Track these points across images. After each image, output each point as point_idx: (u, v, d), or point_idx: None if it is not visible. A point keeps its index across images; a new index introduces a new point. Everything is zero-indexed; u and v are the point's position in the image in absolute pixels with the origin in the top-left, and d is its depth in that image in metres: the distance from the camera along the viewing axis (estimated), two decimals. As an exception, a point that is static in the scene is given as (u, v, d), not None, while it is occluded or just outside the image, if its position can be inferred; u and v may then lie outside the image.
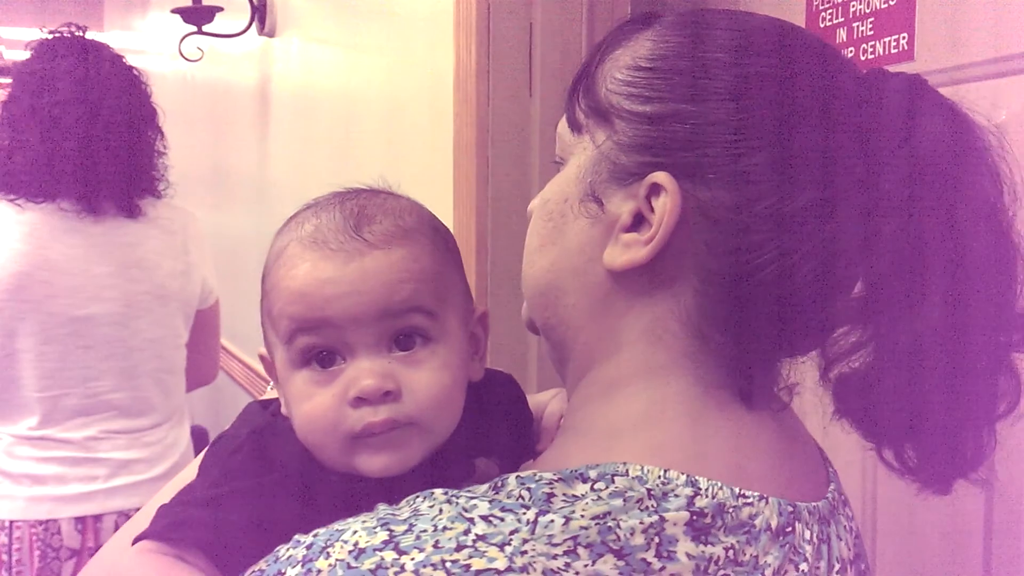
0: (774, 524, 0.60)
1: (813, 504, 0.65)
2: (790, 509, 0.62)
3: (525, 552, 0.54)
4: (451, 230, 0.75)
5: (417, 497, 0.59)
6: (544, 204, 0.70)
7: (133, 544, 0.66)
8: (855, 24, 1.16)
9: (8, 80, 1.94)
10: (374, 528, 0.56)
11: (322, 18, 2.44)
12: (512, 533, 0.55)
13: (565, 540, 0.55)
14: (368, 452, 0.66)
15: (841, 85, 0.63)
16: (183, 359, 2.05)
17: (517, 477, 0.59)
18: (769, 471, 0.64)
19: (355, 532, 0.56)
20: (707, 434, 0.63)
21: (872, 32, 1.13)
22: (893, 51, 1.10)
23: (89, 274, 1.86)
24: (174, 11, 2.76)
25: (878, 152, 0.61)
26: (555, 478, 0.59)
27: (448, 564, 0.53)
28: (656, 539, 0.56)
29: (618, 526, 0.56)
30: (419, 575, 0.53)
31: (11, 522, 1.82)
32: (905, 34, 1.09)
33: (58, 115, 1.83)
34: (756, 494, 0.60)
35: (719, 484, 0.59)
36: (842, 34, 1.18)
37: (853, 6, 1.16)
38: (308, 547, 0.57)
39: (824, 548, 0.65)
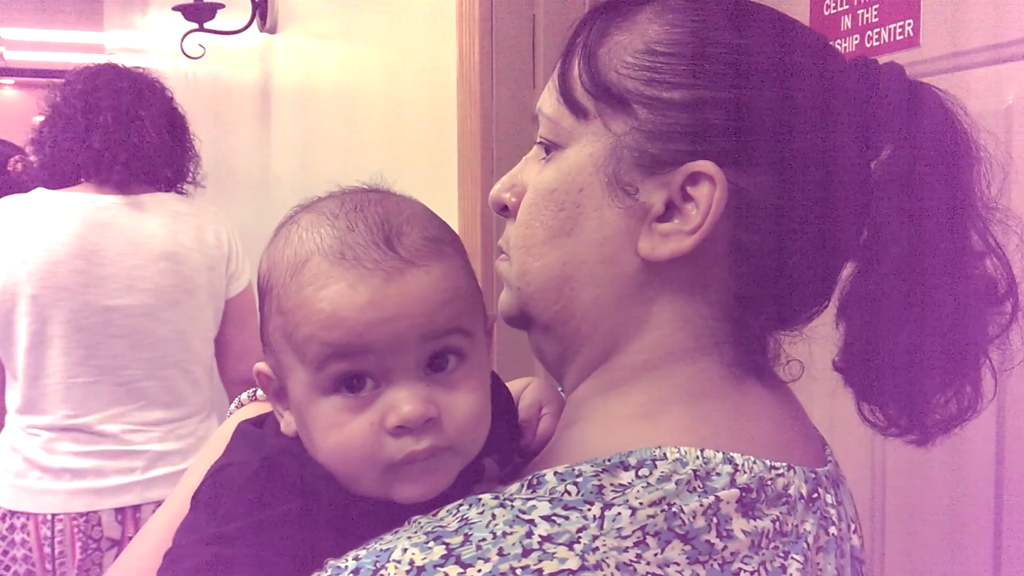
0: (804, 492, 0.62)
1: (825, 469, 0.66)
2: (813, 476, 0.63)
3: (596, 548, 0.53)
4: (455, 226, 0.74)
5: (460, 505, 0.58)
6: (551, 194, 0.67)
7: None
8: (860, 11, 1.15)
9: (10, 80, 2.11)
10: (427, 544, 0.54)
11: (323, 13, 2.44)
12: (580, 531, 0.54)
13: (634, 531, 0.55)
14: (406, 481, 0.62)
15: (839, 71, 0.65)
16: (211, 353, 2.09)
17: (556, 474, 0.58)
18: (788, 441, 0.66)
19: (405, 551, 0.54)
20: (733, 411, 0.64)
21: (877, 19, 1.13)
22: (899, 37, 1.10)
23: (121, 265, 1.91)
24: (175, 8, 2.75)
25: (881, 135, 0.64)
26: (599, 470, 0.58)
27: (519, 571, 0.51)
28: (715, 519, 0.57)
29: (681, 511, 0.56)
30: None
31: (53, 516, 1.87)
32: (911, 20, 1.08)
33: (100, 116, 1.93)
34: (784, 464, 0.61)
35: (753, 459, 0.60)
36: (847, 21, 1.17)
37: (858, -7, 1.15)
38: (355, 572, 0.54)
39: (841, 510, 0.66)
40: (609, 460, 0.58)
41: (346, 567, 0.55)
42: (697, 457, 0.59)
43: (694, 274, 0.64)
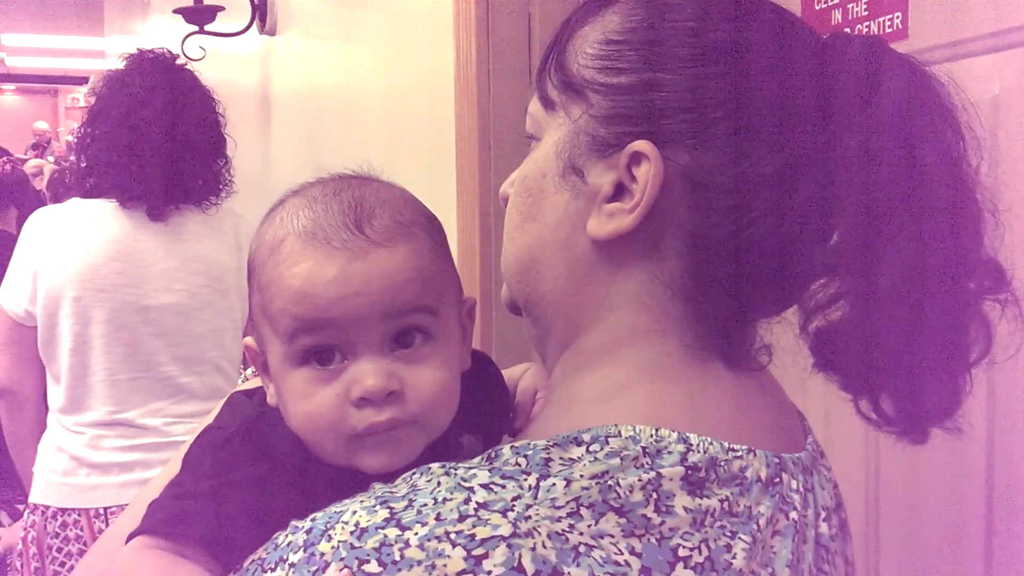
0: (763, 475, 0.62)
1: (796, 455, 0.67)
2: (776, 460, 0.64)
3: (529, 517, 0.55)
4: (455, 225, 0.76)
5: (414, 473, 0.60)
6: (523, 181, 0.70)
7: (128, 541, 0.65)
8: (849, 5, 1.17)
9: (11, 86, 2.10)
10: (374, 507, 0.56)
11: (322, 16, 2.45)
12: (515, 499, 0.56)
13: (568, 502, 0.56)
14: (369, 450, 0.65)
15: (804, 47, 0.65)
16: (240, 349, 2.14)
17: (511, 447, 0.60)
18: (753, 425, 0.66)
19: (354, 512, 0.56)
20: (693, 393, 0.65)
21: (867, 12, 1.14)
22: (888, 30, 1.11)
23: (157, 267, 2.00)
24: (176, 11, 2.78)
25: (842, 110, 0.63)
26: (550, 444, 0.60)
27: (452, 535, 0.54)
28: (654, 495, 0.58)
29: (617, 484, 0.57)
30: (424, 548, 0.53)
31: (105, 509, 1.95)
32: (899, 13, 1.10)
33: (141, 125, 1.98)
34: (744, 447, 0.62)
35: (709, 439, 0.61)
36: (837, 15, 1.19)
37: (848, -13, 1.17)
38: (308, 531, 0.57)
39: (810, 497, 0.67)
40: (567, 436, 0.60)
41: (302, 527, 0.58)
42: (651, 435, 0.60)
43: (648, 255, 0.65)
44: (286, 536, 0.58)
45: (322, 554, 0.55)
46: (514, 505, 0.55)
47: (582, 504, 0.56)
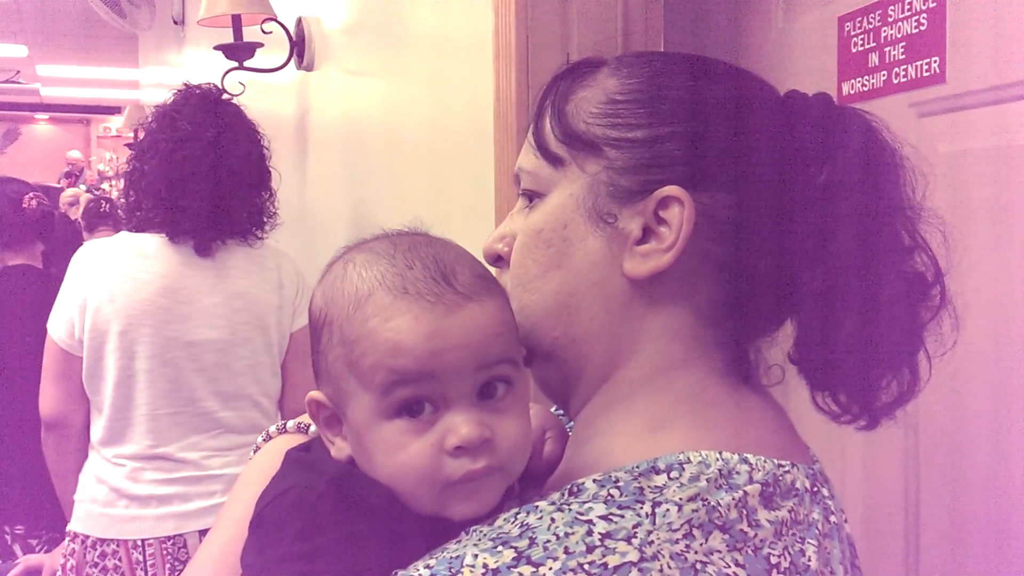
0: (807, 486, 0.70)
1: (817, 466, 0.75)
2: (811, 471, 0.71)
3: (652, 542, 0.60)
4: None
5: (518, 513, 0.64)
6: (539, 234, 0.75)
7: None
8: (887, 48, 1.19)
9: (45, 116, 2.15)
10: (495, 548, 0.59)
11: (360, 51, 2.50)
12: (635, 527, 0.60)
13: (682, 524, 0.62)
14: (460, 498, 0.67)
15: (770, 102, 0.74)
16: (279, 385, 2.20)
17: (594, 481, 0.65)
18: (785, 441, 0.73)
19: (476, 556, 0.59)
20: (734, 416, 0.71)
21: (904, 56, 1.17)
22: (925, 74, 1.14)
23: (201, 304, 2.04)
24: (216, 48, 2.83)
25: (804, 157, 0.71)
26: (635, 474, 0.64)
27: (585, 566, 0.58)
28: (744, 511, 0.64)
29: (718, 504, 0.63)
30: None
31: (143, 541, 1.97)
32: (936, 57, 1.12)
33: (189, 160, 2.02)
34: (788, 462, 0.69)
35: (763, 458, 0.67)
36: (874, 58, 1.21)
37: (884, 31, 1.19)
38: None
39: (835, 502, 0.74)
40: (639, 466, 0.65)
41: (420, 574, 0.60)
42: (717, 459, 0.66)
43: (677, 288, 0.71)
44: None
45: None
46: (636, 532, 0.60)
47: (693, 525, 0.62)
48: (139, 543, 1.97)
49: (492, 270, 0.80)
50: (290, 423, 0.86)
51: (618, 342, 0.73)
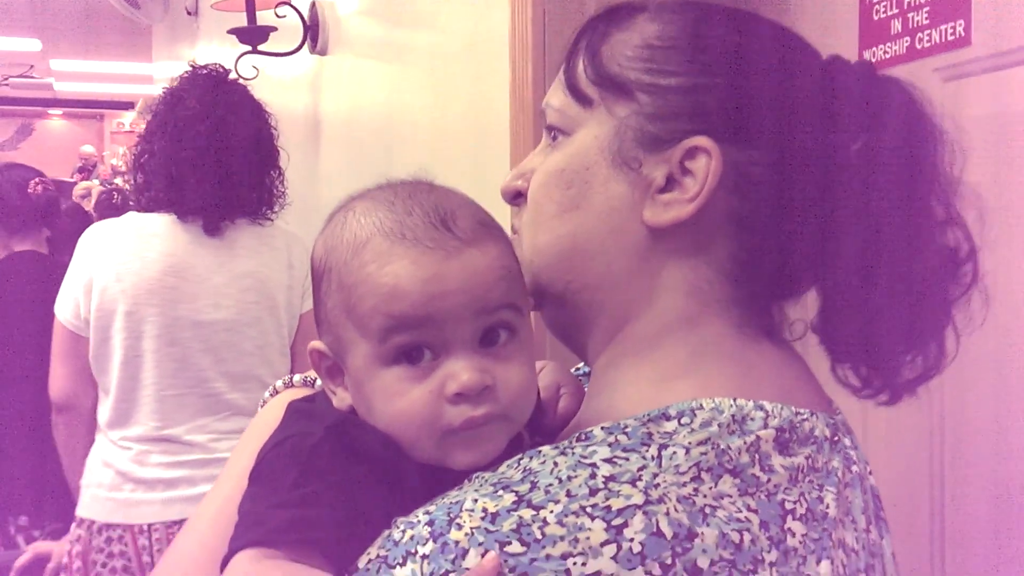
0: (827, 434, 0.68)
1: (840, 417, 0.73)
2: (831, 421, 0.70)
3: (658, 485, 0.59)
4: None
5: (521, 459, 0.63)
6: (560, 173, 0.73)
7: (231, 555, 0.63)
8: (910, 14, 1.17)
9: (58, 111, 2.13)
10: (496, 493, 0.59)
11: (373, 36, 2.49)
12: (640, 470, 0.59)
13: (690, 468, 0.60)
14: (461, 446, 0.66)
15: (811, 62, 0.73)
16: (288, 367, 2.17)
17: (603, 428, 0.63)
18: (803, 391, 0.71)
19: (476, 500, 0.58)
20: (750, 367, 0.69)
21: (928, 21, 1.15)
22: (950, 38, 1.12)
23: (209, 283, 2.01)
24: (230, 31, 2.83)
25: (847, 119, 0.70)
26: (644, 420, 0.63)
27: (588, 509, 0.57)
28: (756, 455, 0.63)
29: (728, 448, 0.62)
30: (564, 524, 0.56)
31: (149, 525, 1.95)
32: (962, 20, 1.10)
33: (197, 140, 2.00)
34: (807, 411, 0.68)
35: (780, 405, 0.66)
36: (897, 24, 1.19)
37: (907, -3, 1.17)
38: (430, 524, 0.58)
39: (858, 453, 0.73)
40: (649, 414, 0.64)
41: (420, 521, 0.59)
42: (731, 405, 0.64)
43: (697, 241, 0.70)
44: (402, 532, 0.60)
45: (456, 542, 0.57)
46: (641, 475, 0.59)
47: (702, 468, 0.61)
48: (145, 528, 1.94)
49: (510, 210, 0.79)
50: (296, 377, 0.85)
51: (633, 293, 0.71)
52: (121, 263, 1.98)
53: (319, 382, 0.82)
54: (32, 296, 2.72)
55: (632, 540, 0.56)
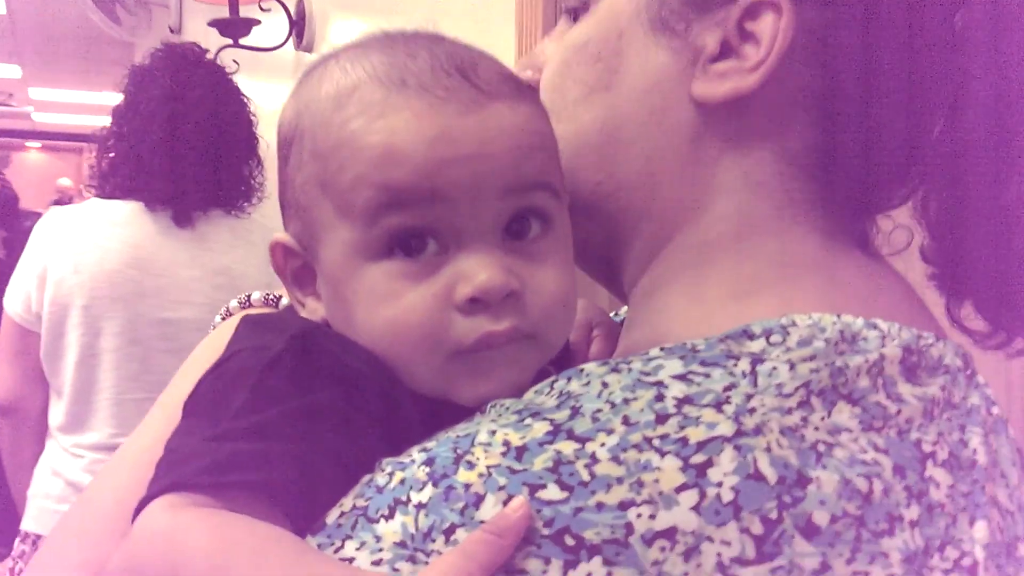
0: (959, 364, 0.51)
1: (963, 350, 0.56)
2: (960, 350, 0.53)
3: (753, 410, 0.43)
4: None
5: (555, 380, 0.47)
6: (583, 47, 0.58)
7: (146, 503, 0.46)
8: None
9: (37, 144, 1.99)
10: (522, 421, 0.44)
11: (362, 30, 2.36)
12: (728, 389, 0.44)
13: (797, 389, 0.44)
14: (475, 372, 0.50)
15: None
16: None
17: (661, 348, 0.47)
18: (916, 314, 0.55)
19: (493, 432, 0.43)
20: (846, 281, 0.54)
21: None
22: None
23: (177, 277, 1.84)
24: (211, 23, 2.70)
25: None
26: (719, 339, 0.47)
27: (655, 441, 0.42)
28: (880, 380, 0.46)
29: (846, 366, 0.45)
30: (622, 462, 0.41)
31: None
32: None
33: (175, 121, 1.82)
34: (931, 334, 0.51)
35: (896, 325, 0.49)
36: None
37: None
38: (428, 463, 0.44)
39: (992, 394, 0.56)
40: (733, 332, 0.47)
41: (412, 460, 0.45)
42: (835, 321, 0.48)
43: (764, 126, 0.54)
44: (389, 476, 0.45)
45: (466, 485, 0.42)
46: (729, 396, 0.44)
47: (812, 392, 0.44)
48: None
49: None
50: (255, 294, 0.68)
51: (683, 192, 0.56)
52: (79, 253, 1.79)
53: (284, 300, 0.64)
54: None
55: (720, 485, 0.41)
